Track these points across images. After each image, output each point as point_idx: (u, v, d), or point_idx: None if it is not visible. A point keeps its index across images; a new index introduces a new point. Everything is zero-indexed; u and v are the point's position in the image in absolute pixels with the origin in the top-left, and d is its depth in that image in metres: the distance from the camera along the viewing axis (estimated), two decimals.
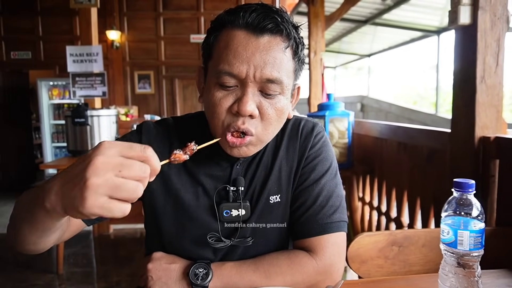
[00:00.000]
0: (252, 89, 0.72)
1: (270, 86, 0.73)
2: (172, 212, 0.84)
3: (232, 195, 0.82)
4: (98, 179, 0.47)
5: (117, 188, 0.47)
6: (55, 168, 3.13)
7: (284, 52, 0.74)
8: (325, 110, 2.56)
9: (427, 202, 1.88)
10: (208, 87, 0.77)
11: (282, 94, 0.76)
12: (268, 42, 0.72)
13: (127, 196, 0.48)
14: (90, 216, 0.48)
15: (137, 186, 0.49)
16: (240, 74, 0.71)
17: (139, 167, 0.49)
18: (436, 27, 6.68)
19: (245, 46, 0.71)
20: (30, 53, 6.16)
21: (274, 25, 0.72)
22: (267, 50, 0.72)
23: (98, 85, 3.85)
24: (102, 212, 0.48)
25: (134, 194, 0.48)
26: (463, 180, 0.71)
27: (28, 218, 0.61)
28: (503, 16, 1.31)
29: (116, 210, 0.48)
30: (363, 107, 9.73)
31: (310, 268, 0.78)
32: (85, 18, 3.93)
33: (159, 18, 6.36)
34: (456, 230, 0.71)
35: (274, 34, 0.73)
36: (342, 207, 0.84)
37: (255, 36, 0.72)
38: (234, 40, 0.72)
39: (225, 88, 0.73)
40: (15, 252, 0.74)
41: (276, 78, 0.72)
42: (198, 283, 0.75)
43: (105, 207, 0.47)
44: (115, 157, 0.48)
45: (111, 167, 0.48)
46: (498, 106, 1.36)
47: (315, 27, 4.03)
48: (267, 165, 0.86)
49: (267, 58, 0.71)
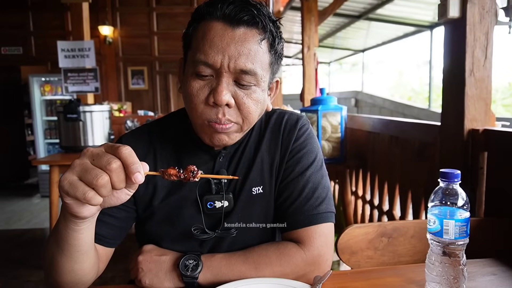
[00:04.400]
0: (226, 79, 0.74)
1: (245, 77, 0.74)
2: (158, 207, 0.85)
3: (214, 187, 0.84)
4: (78, 161, 0.57)
5: (85, 171, 0.56)
6: (48, 164, 3.10)
7: (259, 44, 0.75)
8: (318, 105, 2.57)
9: (418, 195, 1.90)
10: (185, 77, 0.78)
11: (258, 86, 0.77)
12: (244, 34, 0.74)
13: (90, 179, 0.55)
14: (63, 194, 0.56)
15: (101, 174, 0.55)
16: (215, 64, 0.73)
17: (107, 157, 0.56)
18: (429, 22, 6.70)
19: (221, 37, 0.73)
20: (21, 49, 6.10)
21: (250, 17, 0.74)
22: (242, 42, 0.73)
23: (91, 81, 3.83)
24: (69, 188, 0.55)
25: (96, 179, 0.54)
26: (449, 170, 0.72)
27: (55, 236, 0.67)
28: (492, 9, 1.32)
29: (80, 190, 0.55)
30: (357, 102, 9.76)
31: (299, 259, 0.79)
32: (76, 13, 3.89)
33: (152, 13, 6.33)
34: (442, 220, 0.72)
35: (250, 26, 0.74)
36: (329, 198, 0.85)
37: (231, 27, 0.73)
38: (211, 31, 0.74)
39: (201, 78, 0.75)
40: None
41: (250, 69, 0.74)
42: (188, 274, 0.76)
43: (72, 184, 0.55)
44: (98, 149, 0.58)
45: (90, 154, 0.57)
46: (486, 99, 1.37)
47: (308, 22, 4.03)
48: (249, 158, 0.87)
49: (242, 49, 0.73)
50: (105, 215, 0.80)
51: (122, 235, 0.86)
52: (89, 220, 0.64)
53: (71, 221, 0.62)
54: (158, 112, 6.25)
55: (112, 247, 0.85)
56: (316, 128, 2.54)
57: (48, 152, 5.76)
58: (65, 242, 0.66)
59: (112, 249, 0.85)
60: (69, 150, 3.28)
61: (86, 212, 0.60)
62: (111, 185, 0.56)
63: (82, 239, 0.66)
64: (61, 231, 0.65)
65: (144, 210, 0.86)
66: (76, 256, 0.68)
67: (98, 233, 0.77)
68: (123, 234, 0.86)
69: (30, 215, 4.60)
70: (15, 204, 5.15)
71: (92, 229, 0.67)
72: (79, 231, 0.64)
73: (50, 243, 0.70)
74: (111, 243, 0.83)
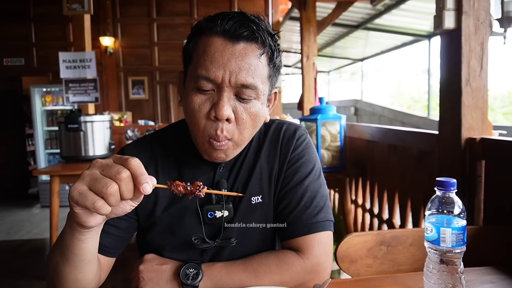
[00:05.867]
0: (227, 93, 0.75)
1: (245, 91, 0.76)
2: (159, 217, 0.86)
3: (215, 197, 0.85)
4: (87, 172, 0.58)
5: (95, 180, 0.57)
6: (48, 174, 3.10)
7: (259, 59, 0.77)
8: (317, 114, 2.59)
9: (418, 203, 1.91)
10: (186, 91, 0.80)
11: (257, 99, 0.78)
12: (244, 49, 0.75)
13: (99, 188, 0.56)
14: (73, 203, 0.57)
15: (110, 183, 0.56)
16: (216, 79, 0.74)
17: (116, 168, 0.57)
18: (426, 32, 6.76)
19: (222, 52, 0.74)
20: (23, 60, 6.14)
21: (249, 32, 0.75)
22: (242, 57, 0.75)
23: (91, 91, 3.85)
24: (78, 198, 0.56)
25: (106, 188, 0.55)
26: (445, 179, 0.73)
27: (60, 245, 0.68)
28: (486, 20, 1.34)
29: (89, 199, 0.56)
30: (356, 111, 9.79)
31: (298, 267, 0.80)
32: (78, 25, 3.93)
33: (153, 24, 6.39)
34: (439, 228, 0.73)
35: (249, 41, 0.76)
36: (327, 207, 0.86)
37: (231, 43, 0.75)
38: (212, 47, 0.75)
39: (203, 92, 0.76)
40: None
41: (251, 83, 0.75)
42: (189, 283, 0.77)
43: (82, 193, 0.56)
44: (107, 160, 0.59)
45: (99, 165, 0.59)
46: (483, 108, 1.39)
47: (307, 32, 4.07)
48: (248, 168, 0.88)
49: (242, 64, 0.74)
50: (107, 225, 0.81)
51: (123, 245, 0.87)
52: (95, 230, 0.65)
53: (77, 230, 0.63)
54: (158, 121, 6.27)
55: (114, 257, 0.86)
56: (315, 137, 2.55)
57: (49, 162, 5.77)
58: (70, 251, 0.67)
59: (113, 259, 0.86)
60: (69, 160, 3.29)
61: (93, 222, 0.61)
62: (120, 195, 0.57)
63: (87, 248, 0.67)
64: (66, 240, 0.66)
65: (146, 220, 0.87)
66: (80, 265, 0.69)
67: (100, 243, 0.77)
68: (124, 244, 0.87)
69: (30, 225, 4.59)
70: (15, 214, 5.14)
71: (96, 239, 0.68)
72: (84, 241, 0.65)
73: (55, 252, 0.71)
74: (113, 253, 0.84)
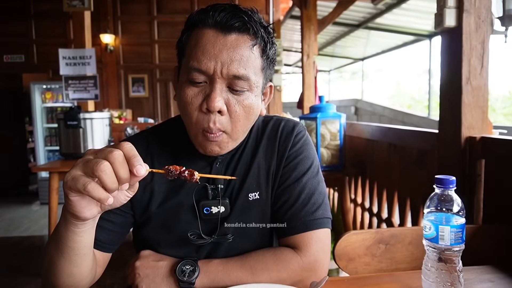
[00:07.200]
0: (220, 85, 0.75)
1: (238, 83, 0.75)
2: (155, 212, 0.85)
3: (211, 193, 0.84)
4: (80, 159, 0.59)
5: (88, 162, 0.57)
6: (48, 171, 3.10)
7: (251, 50, 0.76)
8: (317, 112, 2.58)
9: (417, 202, 1.90)
10: (180, 84, 0.79)
11: (250, 91, 0.78)
12: (236, 40, 0.75)
13: (91, 167, 0.56)
14: (67, 190, 0.58)
15: (102, 161, 0.56)
16: (208, 71, 0.74)
17: (108, 149, 0.58)
18: (428, 31, 6.75)
19: (213, 43, 0.74)
20: (23, 56, 6.13)
21: (241, 23, 0.75)
22: (234, 48, 0.74)
23: (91, 88, 3.84)
24: (71, 182, 0.57)
25: (97, 165, 0.55)
26: (444, 177, 0.73)
27: (55, 238, 0.68)
28: (487, 18, 1.34)
29: (81, 181, 0.56)
30: (357, 110, 9.78)
31: (295, 265, 0.79)
32: (78, 22, 3.92)
33: (153, 22, 6.37)
34: (438, 226, 0.72)
35: (241, 32, 0.76)
36: (325, 204, 0.85)
37: (223, 34, 0.75)
38: (204, 38, 0.75)
39: (195, 84, 0.76)
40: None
41: (243, 74, 0.75)
42: (185, 279, 0.76)
43: (75, 177, 0.57)
44: (101, 147, 0.61)
45: (92, 151, 0.60)
46: (483, 107, 1.38)
47: (308, 30, 4.06)
48: (246, 164, 0.88)
49: (234, 55, 0.74)
50: (103, 220, 0.80)
51: (119, 241, 0.86)
52: (89, 223, 0.65)
53: (71, 223, 0.63)
54: (158, 119, 6.27)
55: (109, 253, 0.85)
56: (315, 135, 2.55)
57: (48, 159, 5.77)
58: (64, 244, 0.66)
59: (109, 255, 0.86)
60: (69, 157, 3.28)
61: (88, 213, 0.60)
62: (116, 175, 0.56)
63: (82, 242, 0.67)
64: (61, 234, 0.66)
65: (141, 215, 0.86)
66: (75, 259, 0.69)
67: (96, 238, 0.77)
68: (120, 240, 0.86)
69: (29, 222, 4.59)
70: (14, 211, 5.14)
71: (92, 232, 0.68)
72: (79, 234, 0.65)
73: (50, 246, 0.70)
74: (108, 248, 0.84)
